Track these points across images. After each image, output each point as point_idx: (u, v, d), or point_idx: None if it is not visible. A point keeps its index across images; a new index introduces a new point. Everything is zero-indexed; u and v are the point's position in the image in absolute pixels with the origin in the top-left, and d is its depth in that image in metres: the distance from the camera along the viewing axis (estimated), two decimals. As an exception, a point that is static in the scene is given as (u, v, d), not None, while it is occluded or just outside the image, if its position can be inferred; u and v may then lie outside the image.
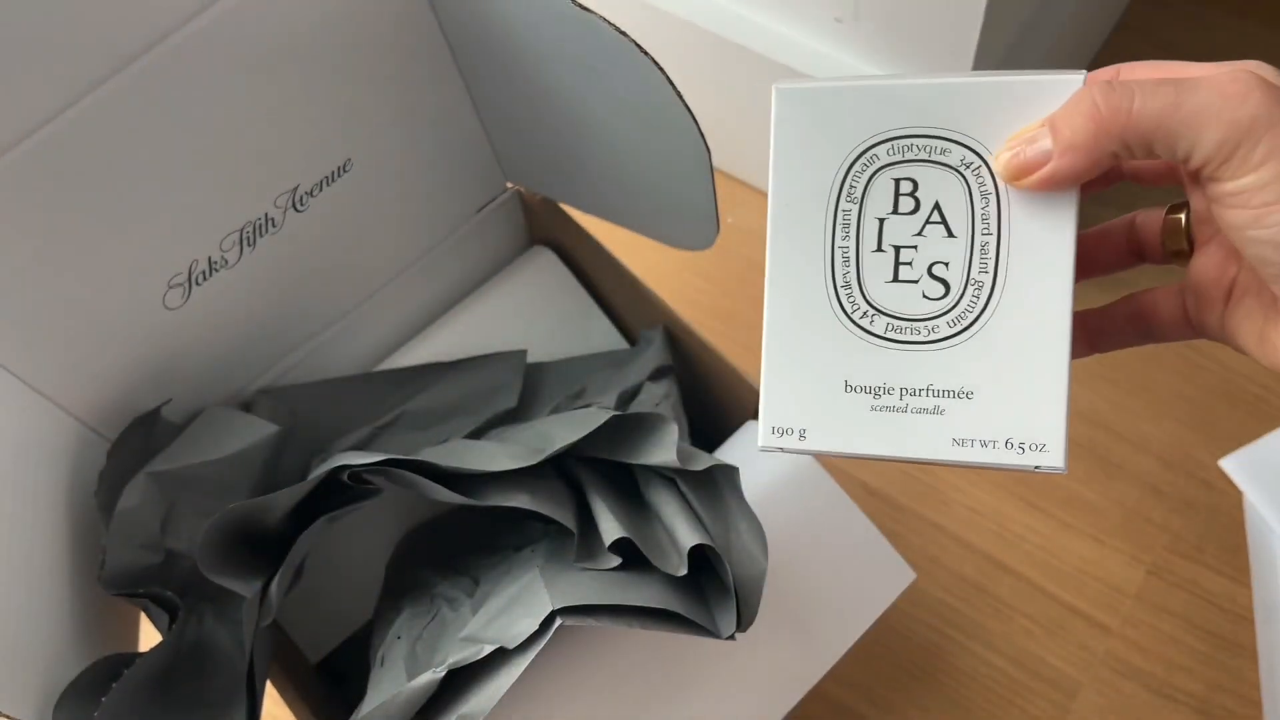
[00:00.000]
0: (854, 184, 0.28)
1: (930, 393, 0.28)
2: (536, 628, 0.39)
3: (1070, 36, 0.70)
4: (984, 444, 0.28)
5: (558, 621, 0.39)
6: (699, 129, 0.46)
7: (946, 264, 0.28)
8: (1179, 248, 0.34)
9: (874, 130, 0.28)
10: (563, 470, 0.47)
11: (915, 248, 0.28)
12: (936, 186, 0.27)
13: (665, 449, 0.43)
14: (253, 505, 0.43)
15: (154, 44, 0.42)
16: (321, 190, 0.52)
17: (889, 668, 0.63)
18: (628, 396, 0.54)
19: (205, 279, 0.50)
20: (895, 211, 0.28)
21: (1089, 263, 0.35)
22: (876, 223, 0.28)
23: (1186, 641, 0.61)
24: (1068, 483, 0.66)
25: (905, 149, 0.27)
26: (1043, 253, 0.27)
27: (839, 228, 0.29)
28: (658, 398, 0.54)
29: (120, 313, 0.48)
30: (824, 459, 0.50)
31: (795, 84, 0.28)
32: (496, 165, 0.60)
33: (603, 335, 0.63)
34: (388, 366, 0.61)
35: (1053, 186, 0.28)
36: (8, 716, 0.39)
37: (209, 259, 0.50)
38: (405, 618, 0.47)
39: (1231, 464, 0.54)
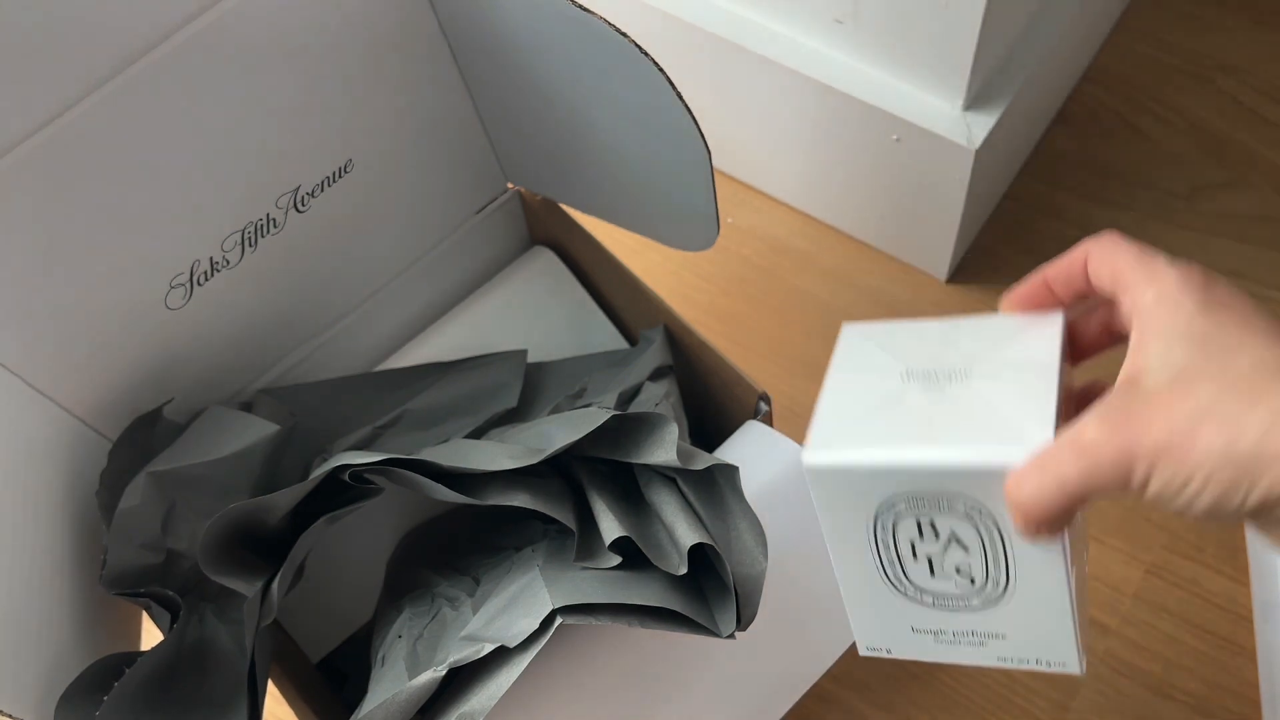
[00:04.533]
0: (883, 525, 0.34)
1: (974, 635, 0.36)
2: (537, 626, 0.39)
3: (1070, 36, 0.70)
4: (1020, 661, 0.36)
5: (558, 620, 0.39)
6: (699, 129, 0.46)
7: (970, 568, 0.34)
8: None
9: (890, 494, 0.33)
10: (563, 470, 0.47)
11: (943, 560, 0.35)
12: (950, 523, 0.34)
13: (665, 448, 0.43)
14: (254, 505, 0.43)
15: (156, 44, 0.42)
16: (323, 191, 0.52)
17: (889, 667, 0.63)
18: (628, 396, 0.54)
19: (207, 279, 0.50)
20: (921, 539, 0.34)
21: (1079, 353, 0.36)
22: (909, 544, 0.35)
23: (1185, 641, 0.61)
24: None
25: (918, 504, 0.33)
26: (1041, 558, 0.33)
27: (881, 549, 0.35)
28: (658, 397, 0.54)
29: (122, 313, 0.48)
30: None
31: (823, 461, 0.34)
32: (497, 166, 0.60)
33: (603, 335, 0.63)
34: (389, 366, 0.61)
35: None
36: (8, 716, 0.39)
37: (211, 259, 0.50)
38: (406, 617, 0.47)
39: (1230, 463, 0.54)
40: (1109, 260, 0.33)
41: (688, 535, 0.42)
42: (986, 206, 0.73)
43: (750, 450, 0.51)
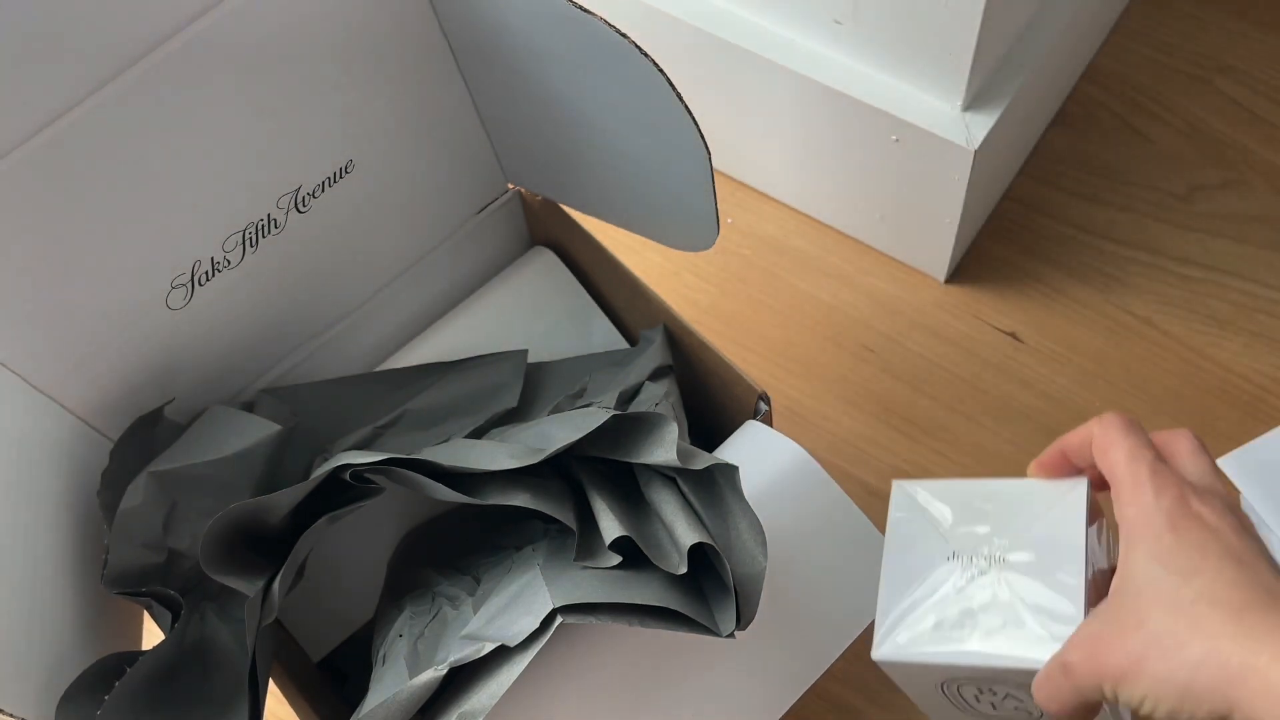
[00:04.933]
0: (949, 687, 0.41)
1: None
2: (537, 626, 0.40)
3: (1069, 37, 0.70)
4: None
5: (558, 619, 0.40)
6: (699, 130, 0.46)
7: (1026, 705, 0.40)
8: None
9: (951, 676, 0.40)
10: (563, 469, 0.47)
11: (1003, 704, 0.41)
12: (1005, 688, 0.39)
13: (665, 448, 0.43)
14: (255, 504, 0.43)
15: (157, 45, 0.42)
16: (324, 191, 0.52)
17: (888, 666, 0.63)
18: (628, 396, 0.55)
19: (208, 279, 0.50)
20: (982, 694, 0.40)
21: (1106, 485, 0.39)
22: (974, 696, 0.41)
23: (1185, 640, 0.61)
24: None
25: (975, 680, 0.39)
26: None
27: (950, 698, 0.42)
28: (658, 397, 0.54)
29: (123, 312, 0.48)
30: (823, 459, 0.51)
31: (889, 657, 0.40)
32: (497, 166, 0.61)
33: (603, 335, 0.64)
34: (389, 366, 0.61)
35: None
36: (10, 715, 0.39)
37: (212, 259, 0.50)
38: (407, 616, 0.47)
39: (1229, 463, 0.54)
40: (1105, 456, 0.37)
41: (687, 535, 0.42)
42: (986, 207, 0.74)
43: (750, 450, 0.51)
